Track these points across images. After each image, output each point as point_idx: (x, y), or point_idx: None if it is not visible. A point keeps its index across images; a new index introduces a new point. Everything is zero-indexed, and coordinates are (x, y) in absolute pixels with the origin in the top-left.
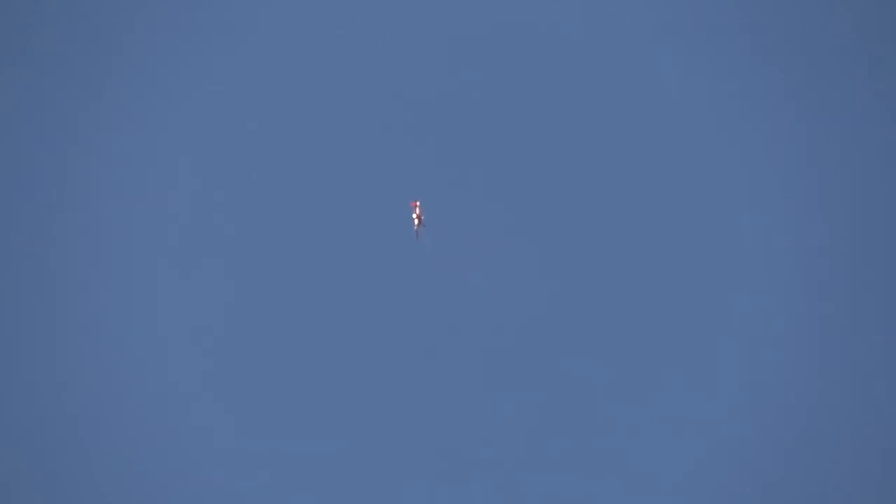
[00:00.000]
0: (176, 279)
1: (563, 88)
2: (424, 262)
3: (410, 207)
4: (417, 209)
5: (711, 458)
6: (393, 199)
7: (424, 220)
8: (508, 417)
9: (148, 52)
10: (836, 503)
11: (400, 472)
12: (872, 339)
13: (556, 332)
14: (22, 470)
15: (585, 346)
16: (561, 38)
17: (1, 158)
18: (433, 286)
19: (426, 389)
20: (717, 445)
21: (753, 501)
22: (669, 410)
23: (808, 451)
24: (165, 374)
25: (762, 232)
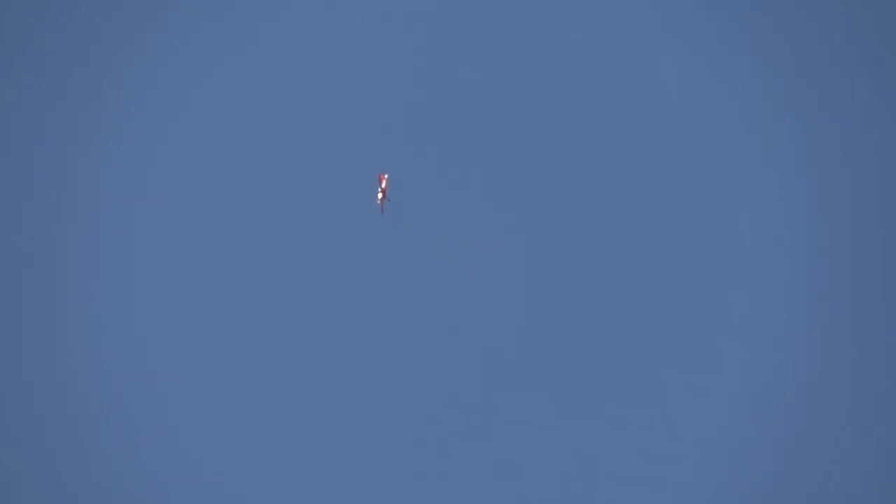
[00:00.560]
0: (176, 279)
1: (562, 88)
2: (424, 262)
3: (377, 179)
4: (384, 182)
5: (711, 458)
6: (393, 199)
7: (390, 195)
8: (508, 417)
9: (149, 52)
10: (836, 503)
11: (400, 472)
12: (873, 339)
13: (555, 332)
14: (22, 470)
15: (585, 346)
16: (561, 37)
17: (1, 158)
18: (433, 286)
19: (426, 389)
20: (716, 445)
21: (753, 501)
22: (669, 410)
23: (808, 451)
24: (165, 374)
25: (762, 232)
